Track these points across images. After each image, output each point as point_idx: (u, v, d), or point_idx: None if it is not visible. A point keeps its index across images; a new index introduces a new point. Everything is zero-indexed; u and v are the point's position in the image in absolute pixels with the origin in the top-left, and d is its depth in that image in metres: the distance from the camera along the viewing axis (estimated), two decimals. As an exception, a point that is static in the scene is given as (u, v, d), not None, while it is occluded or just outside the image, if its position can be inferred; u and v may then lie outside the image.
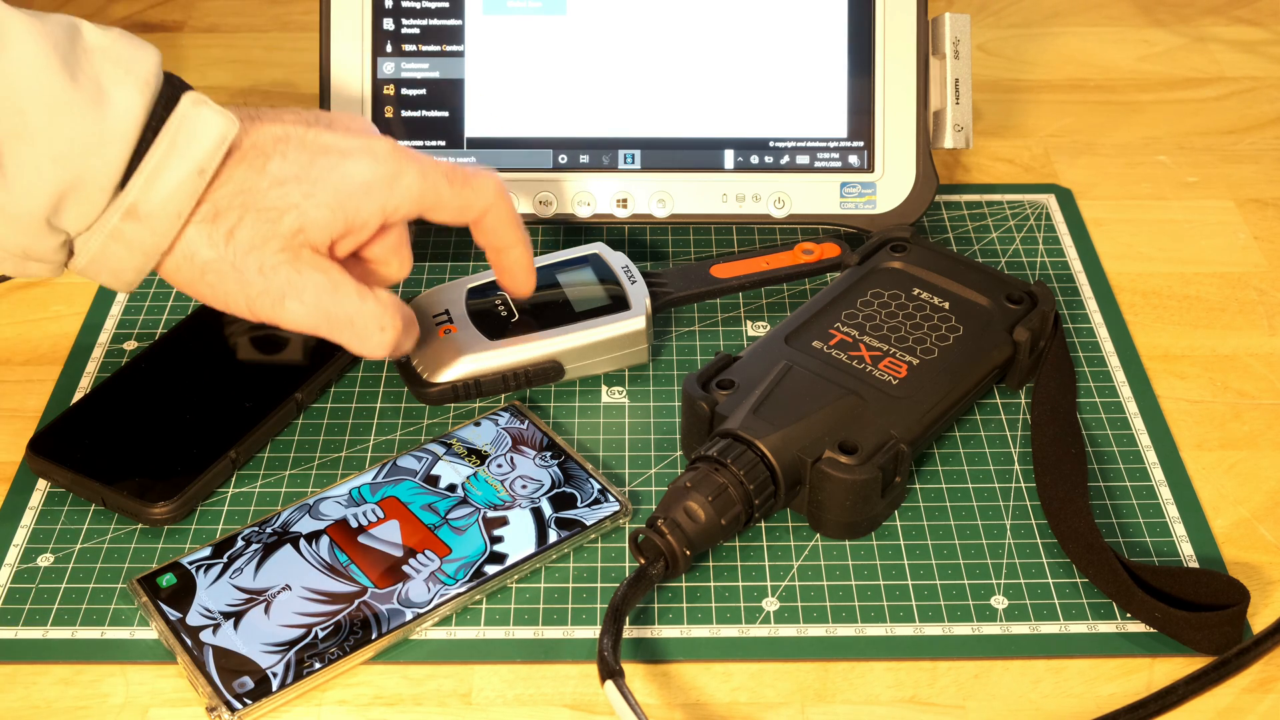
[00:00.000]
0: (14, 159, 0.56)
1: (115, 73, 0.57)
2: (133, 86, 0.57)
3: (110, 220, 0.58)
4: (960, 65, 0.80)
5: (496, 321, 0.71)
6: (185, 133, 0.58)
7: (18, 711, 0.58)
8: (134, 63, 0.58)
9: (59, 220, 0.58)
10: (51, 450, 0.67)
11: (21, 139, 0.56)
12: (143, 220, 0.58)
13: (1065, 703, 0.58)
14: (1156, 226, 0.85)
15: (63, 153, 0.56)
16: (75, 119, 0.56)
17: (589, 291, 0.73)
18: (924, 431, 0.66)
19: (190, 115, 0.58)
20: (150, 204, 0.58)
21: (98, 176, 0.57)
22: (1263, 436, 0.71)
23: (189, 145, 0.58)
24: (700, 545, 0.61)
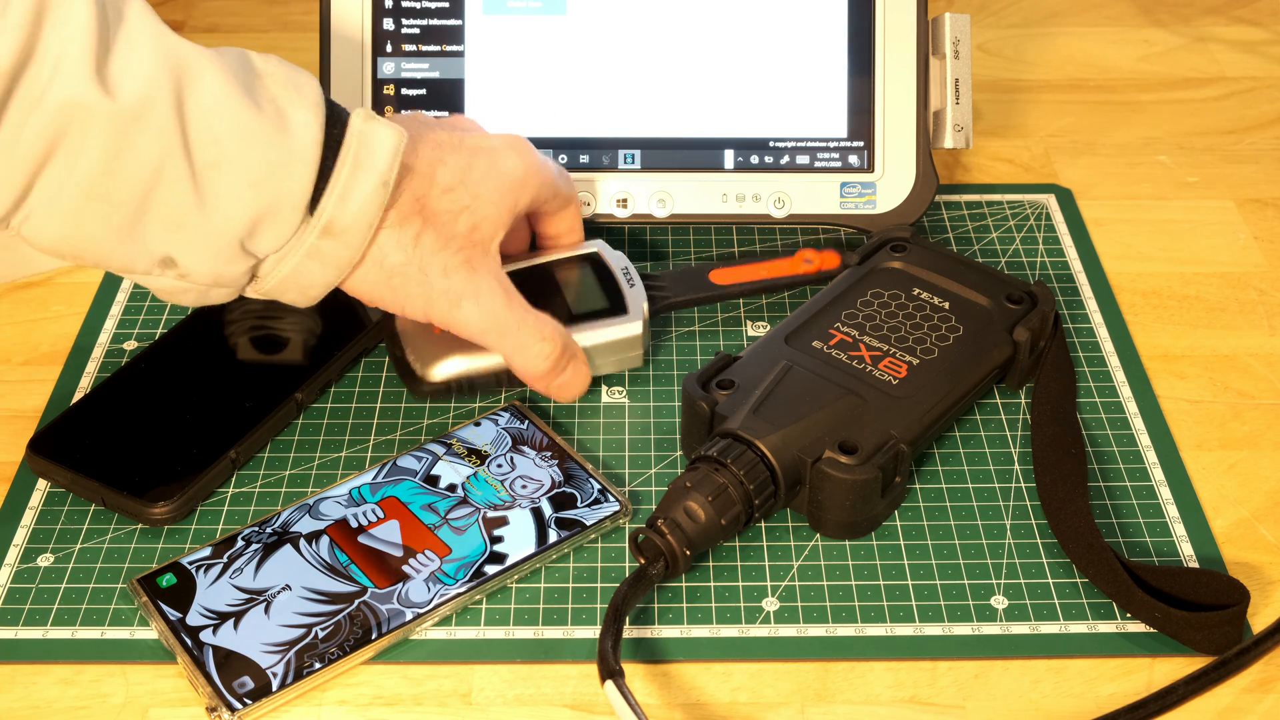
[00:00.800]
0: (213, 188, 0.58)
1: (289, 95, 0.59)
2: (306, 108, 0.59)
3: (307, 239, 0.60)
4: (960, 65, 0.80)
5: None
6: (365, 147, 0.60)
7: (18, 711, 0.58)
8: (302, 86, 0.60)
9: (252, 245, 0.60)
10: (51, 450, 0.67)
11: (219, 168, 0.58)
12: (338, 236, 0.60)
13: (1065, 703, 0.58)
14: (1156, 226, 0.85)
15: (258, 178, 0.58)
16: (264, 144, 0.58)
17: (587, 293, 0.72)
18: (924, 431, 0.66)
19: (365, 130, 0.61)
20: (344, 219, 0.60)
21: (290, 197, 0.59)
22: (1263, 436, 0.71)
23: (370, 158, 0.60)
24: (700, 545, 0.61)
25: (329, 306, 0.72)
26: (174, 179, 0.57)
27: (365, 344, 0.74)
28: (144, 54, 0.56)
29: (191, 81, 0.57)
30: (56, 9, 0.54)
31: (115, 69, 0.55)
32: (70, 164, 0.55)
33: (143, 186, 0.57)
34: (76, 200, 0.56)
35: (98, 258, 0.59)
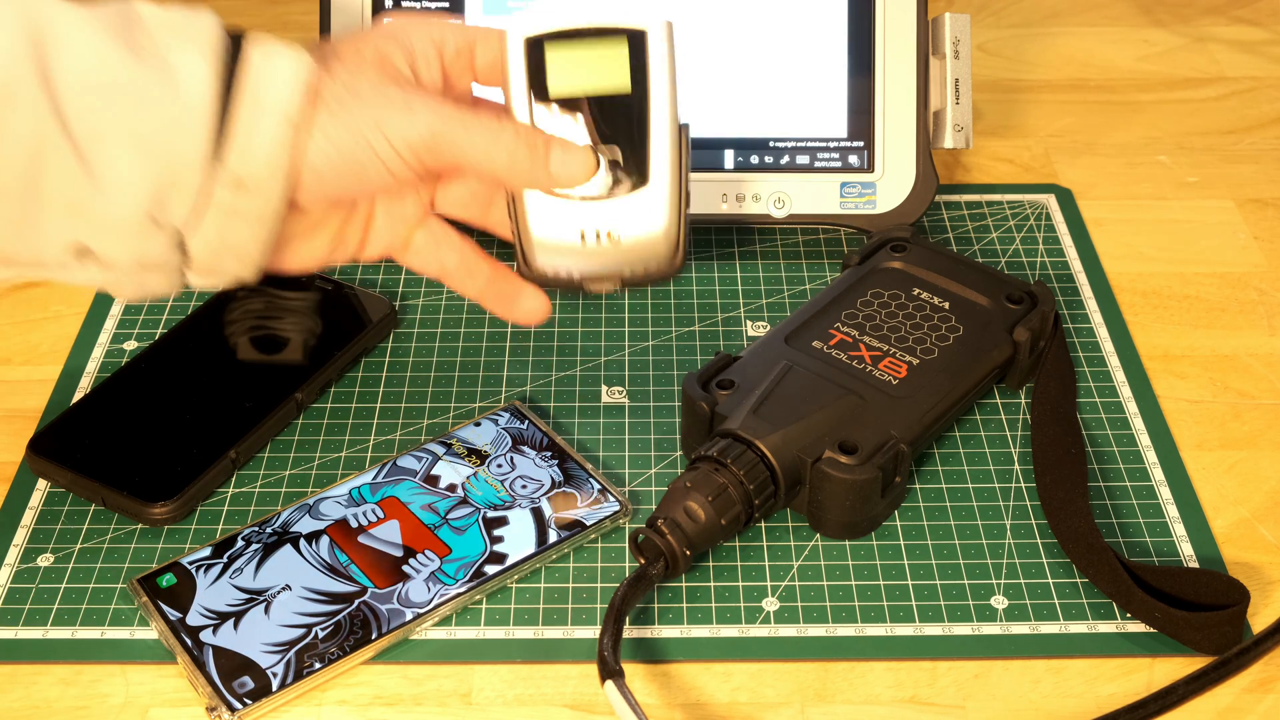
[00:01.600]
0: (100, 159, 0.53)
1: (175, 41, 0.54)
2: (195, 52, 0.54)
3: (222, 199, 0.55)
4: (960, 65, 0.80)
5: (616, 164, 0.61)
6: (263, 84, 0.55)
7: (18, 711, 0.58)
8: (192, 28, 0.55)
9: (163, 214, 0.55)
10: (51, 450, 0.67)
11: (102, 138, 0.53)
12: (251, 189, 0.55)
13: (1065, 703, 0.58)
14: (1156, 226, 0.85)
15: (145, 138, 0.53)
16: (148, 101, 0.53)
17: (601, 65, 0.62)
18: (924, 431, 0.66)
19: (261, 66, 0.55)
20: (252, 169, 0.55)
21: (187, 154, 0.54)
22: (1263, 436, 0.71)
23: (269, 96, 0.55)
24: (700, 545, 0.61)
25: (329, 306, 0.73)
26: (56, 158, 0.53)
27: (365, 344, 0.74)
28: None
29: (56, 45, 0.52)
30: None
31: None
32: None
33: (23, 170, 0.52)
34: None
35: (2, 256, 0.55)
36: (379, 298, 0.76)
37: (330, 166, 0.56)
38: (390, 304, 0.76)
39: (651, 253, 0.62)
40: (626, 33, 0.61)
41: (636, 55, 0.61)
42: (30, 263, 0.55)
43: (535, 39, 0.61)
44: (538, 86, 0.61)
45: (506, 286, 0.64)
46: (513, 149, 0.58)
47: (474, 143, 0.58)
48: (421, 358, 0.74)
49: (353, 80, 0.57)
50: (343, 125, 0.56)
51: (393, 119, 0.57)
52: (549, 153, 0.59)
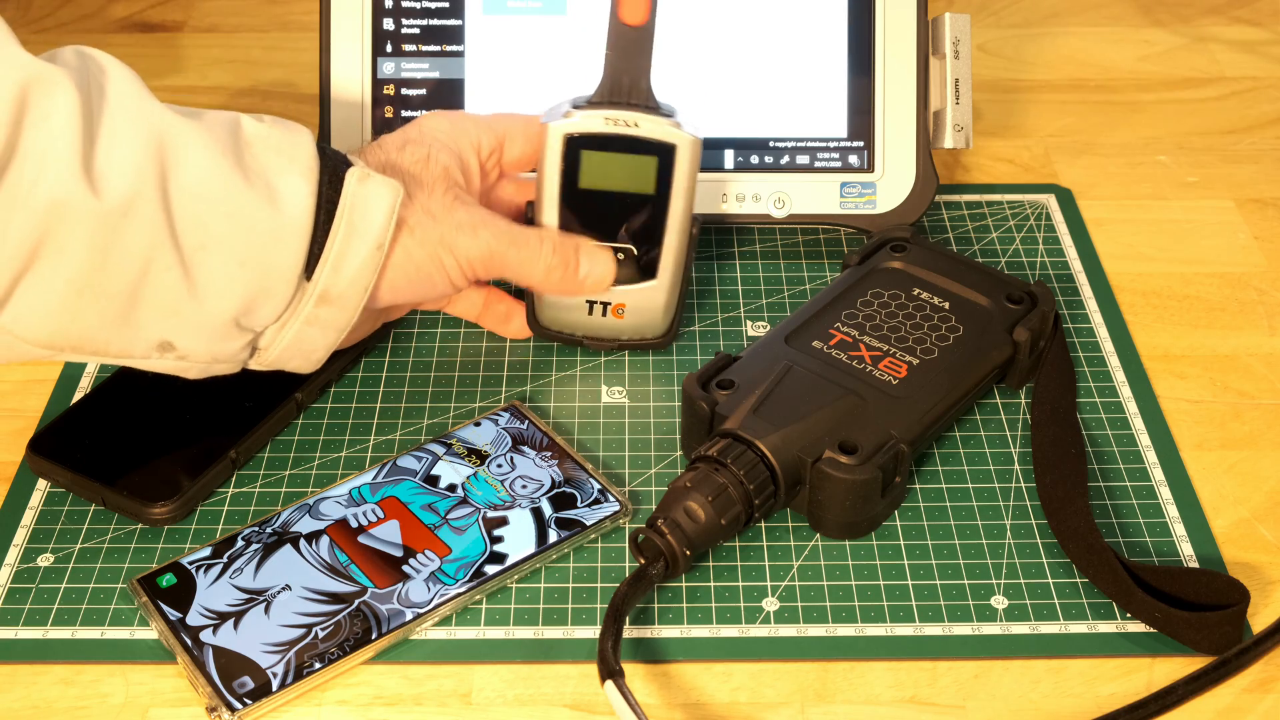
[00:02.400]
0: (203, 271, 0.57)
1: (279, 163, 0.58)
2: (298, 175, 0.58)
3: (304, 309, 0.60)
4: (960, 65, 0.80)
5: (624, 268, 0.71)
6: (359, 211, 0.60)
7: (18, 711, 0.58)
8: (293, 149, 0.59)
9: (249, 320, 0.59)
10: (51, 450, 0.67)
11: (207, 250, 0.57)
12: (334, 303, 0.60)
13: (1065, 703, 0.58)
14: (1156, 226, 0.85)
15: (247, 256, 0.57)
16: (252, 220, 0.57)
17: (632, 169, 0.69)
18: (924, 431, 0.66)
19: (359, 194, 0.60)
20: (339, 287, 0.60)
21: (282, 270, 0.58)
22: (1263, 436, 0.71)
23: (364, 223, 0.60)
24: (700, 545, 0.61)
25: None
26: (163, 267, 0.56)
27: (365, 344, 0.74)
28: (128, 139, 0.55)
29: (176, 163, 0.56)
30: (39, 103, 0.53)
31: (101, 162, 0.54)
32: (57, 263, 0.54)
33: (132, 278, 0.56)
34: (66, 298, 0.55)
35: (94, 349, 0.58)
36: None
37: (405, 280, 0.63)
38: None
39: (649, 326, 0.73)
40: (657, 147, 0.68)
41: (664, 167, 0.69)
42: (117, 355, 0.59)
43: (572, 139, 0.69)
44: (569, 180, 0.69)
45: (500, 308, 0.74)
46: (549, 265, 0.68)
47: (520, 259, 0.67)
48: (421, 358, 0.74)
49: (429, 203, 0.64)
50: (421, 246, 0.63)
51: (461, 240, 0.64)
52: (578, 263, 0.69)
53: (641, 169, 0.68)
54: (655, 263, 0.70)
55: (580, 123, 0.68)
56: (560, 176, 0.69)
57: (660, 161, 0.68)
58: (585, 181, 0.69)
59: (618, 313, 0.72)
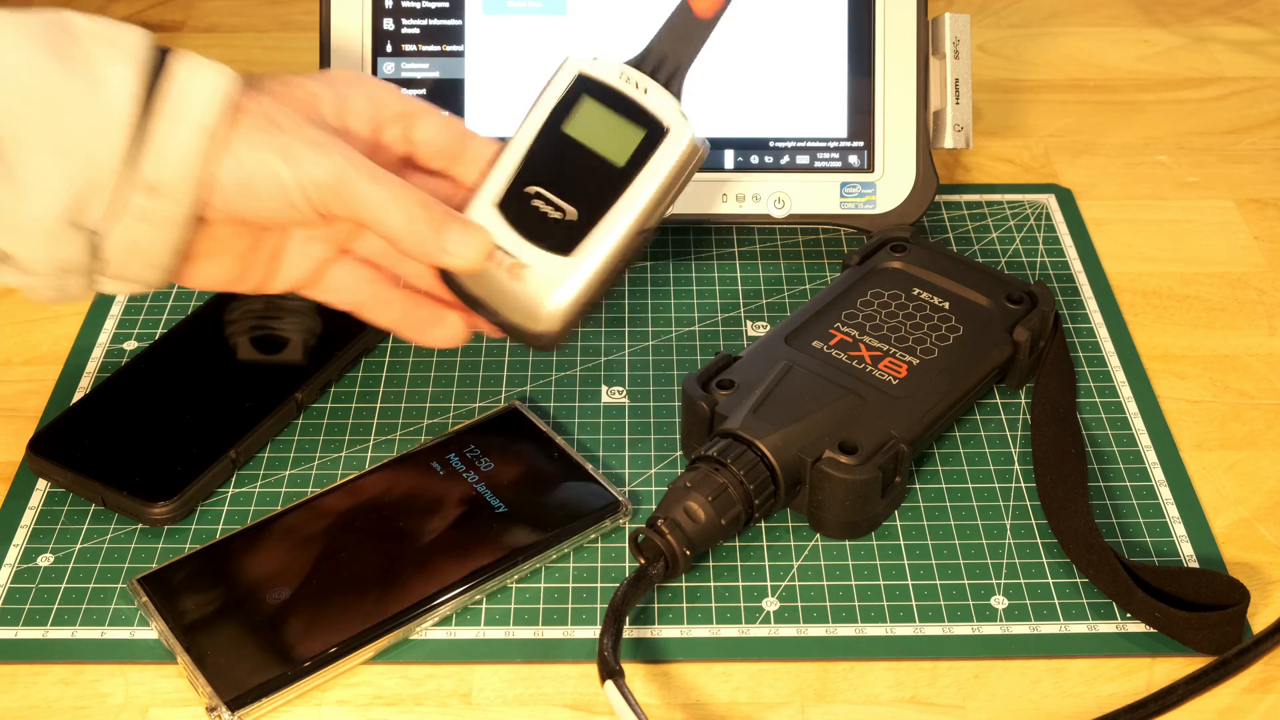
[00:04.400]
0: (22, 164, 0.54)
1: (104, 52, 0.56)
2: (123, 64, 0.56)
3: (133, 201, 0.56)
4: (960, 65, 0.80)
5: (556, 229, 0.61)
6: (184, 94, 0.56)
7: (18, 711, 0.58)
8: (123, 40, 0.56)
9: (80, 217, 0.56)
10: (51, 450, 0.67)
11: (25, 143, 0.54)
12: (164, 193, 0.56)
13: (1065, 703, 0.58)
14: (1156, 226, 0.85)
15: (69, 145, 0.55)
16: (74, 108, 0.55)
17: (617, 134, 0.62)
18: (924, 431, 0.66)
19: (186, 76, 0.57)
20: (166, 174, 0.56)
21: (109, 160, 0.55)
22: (1263, 436, 0.71)
23: (188, 106, 0.56)
24: (700, 545, 0.61)
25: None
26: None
27: (365, 344, 0.74)
28: None
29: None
30: None
31: None
32: None
33: None
34: None
35: None
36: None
37: (236, 186, 0.58)
38: (390, 304, 0.76)
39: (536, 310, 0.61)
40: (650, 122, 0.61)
41: (647, 145, 0.61)
42: None
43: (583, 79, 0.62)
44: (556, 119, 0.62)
45: (421, 314, 0.64)
46: (411, 213, 0.59)
47: (375, 197, 0.58)
48: (421, 358, 0.74)
49: (274, 112, 0.59)
50: (254, 149, 0.58)
51: (302, 153, 0.58)
52: (448, 228, 0.60)
53: (624, 136, 0.62)
54: (580, 240, 0.61)
55: (596, 67, 0.63)
56: (550, 111, 0.63)
57: (646, 137, 0.61)
58: (569, 126, 0.62)
59: (515, 272, 0.61)
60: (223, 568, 0.62)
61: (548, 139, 0.62)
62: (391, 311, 0.64)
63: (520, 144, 0.63)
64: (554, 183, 0.62)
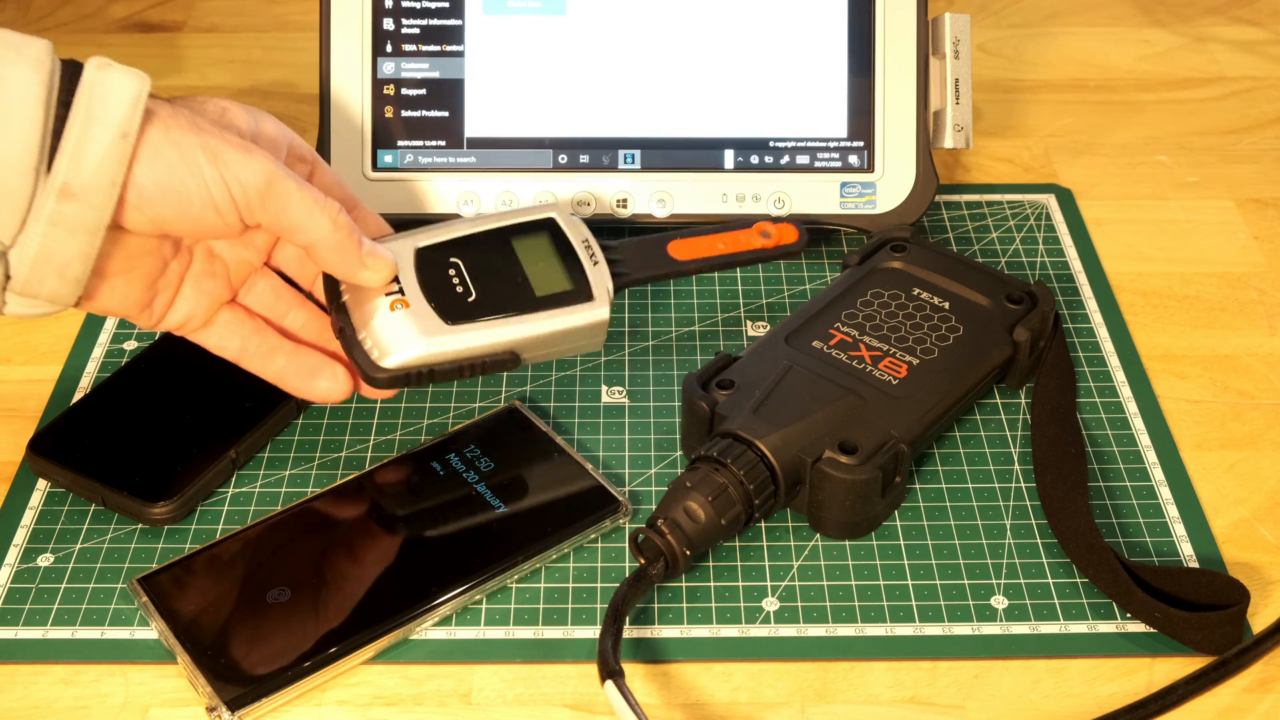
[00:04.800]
0: None
1: (5, 55, 0.55)
2: (26, 66, 0.55)
3: (46, 206, 0.55)
4: (960, 65, 0.80)
5: (453, 299, 0.64)
6: (99, 98, 0.56)
7: (18, 711, 0.58)
8: (24, 45, 0.55)
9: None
10: (51, 450, 0.67)
11: None
12: (78, 197, 0.55)
13: (1065, 703, 0.58)
14: (1156, 226, 0.85)
15: None
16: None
17: (549, 273, 0.66)
18: (924, 431, 0.66)
19: (99, 79, 0.56)
20: (82, 178, 0.55)
21: (12, 162, 0.54)
22: (1263, 436, 0.71)
23: (104, 110, 0.56)
24: (700, 545, 0.61)
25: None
26: None
27: (365, 344, 0.74)
28: None
29: None
30: None
31: None
32: None
33: None
34: None
35: None
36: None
37: (157, 187, 0.57)
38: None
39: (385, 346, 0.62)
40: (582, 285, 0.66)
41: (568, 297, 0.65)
42: None
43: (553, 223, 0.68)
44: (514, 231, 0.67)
45: (305, 364, 0.65)
46: (336, 221, 0.60)
47: (302, 204, 0.59)
48: (421, 358, 0.74)
49: (194, 117, 0.59)
50: (176, 147, 0.57)
51: (229, 155, 0.58)
52: (361, 240, 0.61)
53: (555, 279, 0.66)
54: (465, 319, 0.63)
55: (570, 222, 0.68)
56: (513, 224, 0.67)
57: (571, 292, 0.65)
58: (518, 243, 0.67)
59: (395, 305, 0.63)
60: (223, 568, 0.62)
61: (495, 239, 0.66)
62: (276, 363, 0.65)
63: (469, 227, 0.67)
64: (476, 269, 0.65)
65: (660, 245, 0.70)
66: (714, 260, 0.71)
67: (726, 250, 0.71)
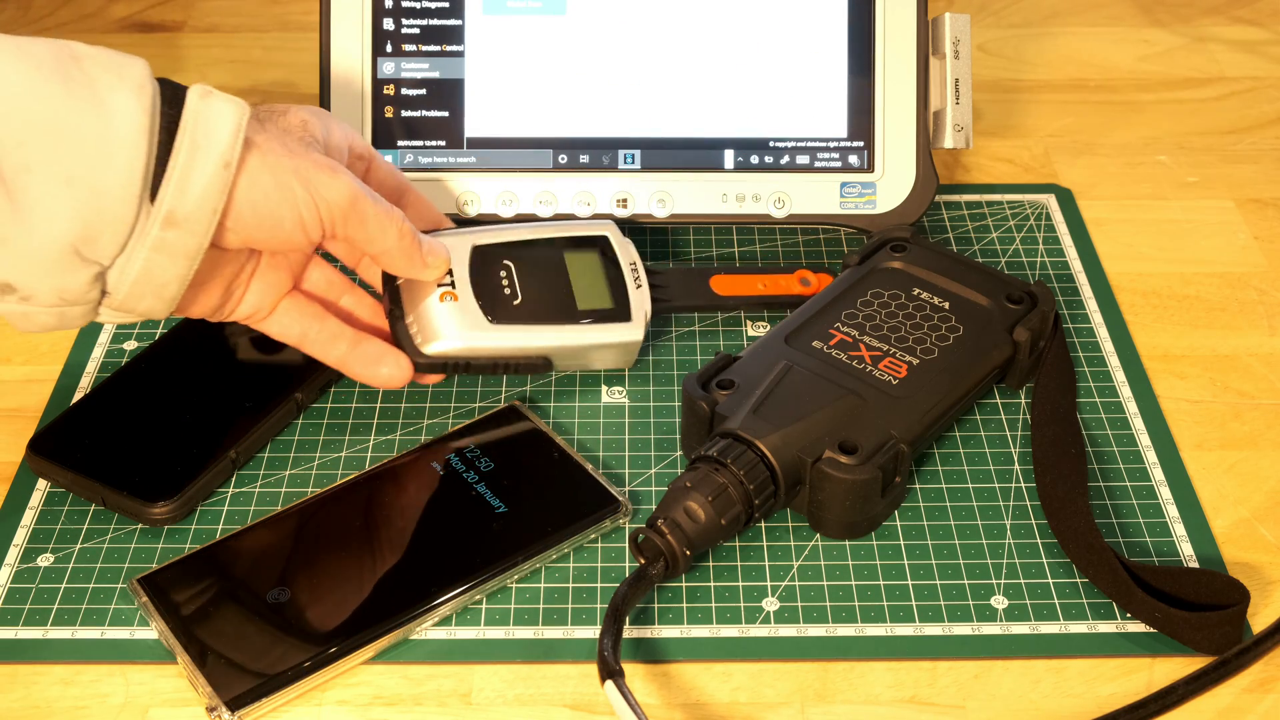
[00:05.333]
0: (27, 192, 0.54)
1: (108, 80, 0.55)
2: (128, 91, 0.55)
3: (150, 233, 0.56)
4: (960, 65, 0.80)
5: (499, 300, 0.69)
6: (203, 127, 0.57)
7: (18, 711, 0.58)
8: (125, 68, 0.56)
9: (90, 251, 0.56)
10: (51, 450, 0.67)
11: (30, 170, 0.54)
12: (181, 225, 0.57)
13: (1065, 703, 0.58)
14: (1156, 226, 0.85)
15: (75, 174, 0.54)
16: (79, 137, 0.54)
17: (594, 289, 0.71)
18: (924, 431, 0.66)
19: (202, 109, 0.57)
20: (186, 207, 0.57)
21: (116, 190, 0.55)
22: (1263, 436, 0.71)
23: (208, 140, 0.57)
24: (700, 545, 0.61)
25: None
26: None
27: (365, 344, 0.74)
28: None
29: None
30: None
31: None
32: None
33: None
34: None
35: None
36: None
37: (253, 210, 0.59)
38: (390, 304, 0.76)
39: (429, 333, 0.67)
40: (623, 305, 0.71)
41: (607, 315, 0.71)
42: None
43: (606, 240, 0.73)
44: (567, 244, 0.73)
45: (367, 353, 0.67)
46: (401, 230, 0.64)
47: (378, 215, 0.63)
48: (421, 358, 0.74)
49: (286, 140, 0.61)
50: (272, 173, 0.59)
51: (319, 177, 0.60)
52: (424, 244, 0.66)
53: (598, 296, 0.71)
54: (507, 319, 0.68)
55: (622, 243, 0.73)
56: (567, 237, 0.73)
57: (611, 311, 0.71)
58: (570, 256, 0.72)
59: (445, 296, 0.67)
60: (223, 568, 0.62)
61: (548, 248, 0.72)
62: (338, 348, 0.67)
63: (526, 232, 0.72)
64: (525, 274, 0.70)
65: (703, 277, 0.76)
66: (752, 299, 0.76)
67: (766, 292, 0.76)
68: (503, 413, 0.70)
